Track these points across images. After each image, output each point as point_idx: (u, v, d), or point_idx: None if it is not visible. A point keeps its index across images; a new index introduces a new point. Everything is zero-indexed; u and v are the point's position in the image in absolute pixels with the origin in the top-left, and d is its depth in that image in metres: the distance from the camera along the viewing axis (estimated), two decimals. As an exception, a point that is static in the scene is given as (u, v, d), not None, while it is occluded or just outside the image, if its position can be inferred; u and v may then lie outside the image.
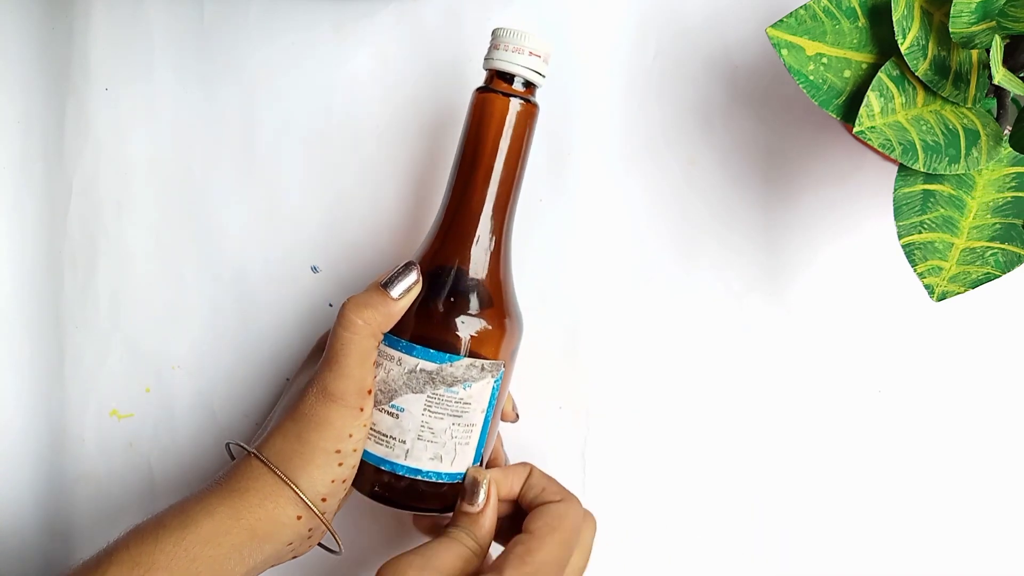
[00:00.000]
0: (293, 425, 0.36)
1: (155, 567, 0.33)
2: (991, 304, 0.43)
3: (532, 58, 0.37)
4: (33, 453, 0.45)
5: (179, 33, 0.46)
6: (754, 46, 0.44)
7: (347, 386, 0.36)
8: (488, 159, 0.37)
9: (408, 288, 0.37)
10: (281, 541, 0.36)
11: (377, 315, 0.36)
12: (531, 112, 0.38)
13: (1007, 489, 0.43)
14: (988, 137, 0.35)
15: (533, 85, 0.38)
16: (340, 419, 0.36)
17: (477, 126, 0.38)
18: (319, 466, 0.36)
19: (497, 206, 0.38)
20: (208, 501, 0.35)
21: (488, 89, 0.38)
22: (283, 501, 0.35)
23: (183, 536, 0.34)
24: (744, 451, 0.44)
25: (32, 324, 0.46)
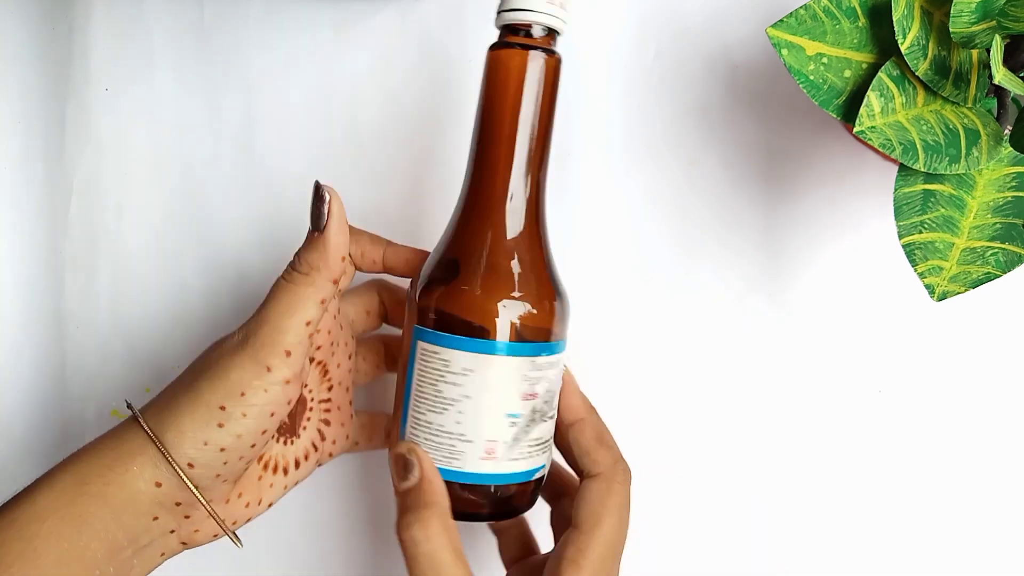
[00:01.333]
0: (189, 374, 0.32)
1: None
2: (992, 304, 0.43)
3: (549, 3, 0.33)
4: (33, 453, 0.45)
5: (179, 33, 0.46)
6: (754, 46, 0.44)
7: (262, 336, 0.31)
8: (510, 123, 0.33)
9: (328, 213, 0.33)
10: (142, 513, 0.31)
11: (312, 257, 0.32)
12: (555, 64, 0.34)
13: (1007, 489, 0.43)
14: (988, 137, 0.35)
15: (554, 33, 0.34)
16: (239, 370, 0.31)
17: (495, 89, 0.34)
18: (195, 421, 0.31)
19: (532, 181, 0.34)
20: (55, 471, 0.31)
21: (503, 44, 0.34)
22: (141, 461, 0.30)
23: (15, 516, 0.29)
24: (744, 451, 0.44)
25: (33, 324, 0.46)
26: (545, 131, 0.34)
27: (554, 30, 0.34)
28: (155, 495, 0.31)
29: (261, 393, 0.31)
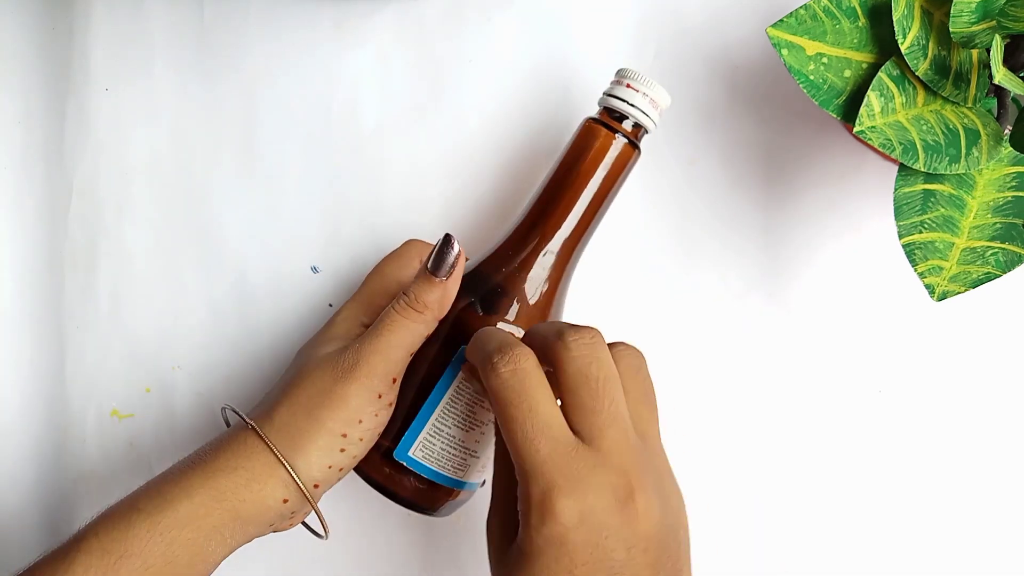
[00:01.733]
0: (305, 399, 0.34)
1: (128, 554, 0.31)
2: (991, 304, 0.43)
3: (649, 104, 0.37)
4: (33, 453, 0.45)
5: (179, 33, 0.46)
6: (754, 46, 0.44)
7: (378, 365, 0.34)
8: (576, 188, 0.37)
9: (452, 265, 0.35)
10: (264, 523, 0.34)
11: (430, 298, 0.35)
12: (631, 154, 0.38)
13: (1007, 489, 0.43)
14: (988, 137, 0.35)
15: (642, 129, 0.38)
16: (357, 399, 0.34)
17: (576, 153, 0.38)
18: (321, 448, 0.34)
19: (569, 239, 0.38)
20: (189, 481, 0.33)
21: (597, 120, 0.38)
22: (273, 483, 0.33)
23: (158, 520, 0.32)
24: (744, 451, 0.44)
25: (32, 324, 0.46)
26: (601, 205, 0.38)
27: (643, 127, 0.38)
28: (280, 509, 0.34)
29: (373, 418, 0.35)
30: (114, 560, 0.31)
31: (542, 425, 0.29)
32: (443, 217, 0.45)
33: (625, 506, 0.29)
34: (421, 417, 0.36)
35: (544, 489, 0.29)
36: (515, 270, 0.37)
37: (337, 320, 0.39)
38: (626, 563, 0.29)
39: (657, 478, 0.31)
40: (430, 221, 0.45)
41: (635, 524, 0.29)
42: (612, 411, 0.30)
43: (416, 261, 0.40)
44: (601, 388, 0.30)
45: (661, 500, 0.30)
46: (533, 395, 0.30)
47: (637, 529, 0.29)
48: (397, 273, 0.39)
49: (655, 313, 0.45)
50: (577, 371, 0.30)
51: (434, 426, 0.36)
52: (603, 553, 0.28)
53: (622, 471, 0.29)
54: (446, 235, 0.36)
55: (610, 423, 0.30)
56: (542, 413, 0.30)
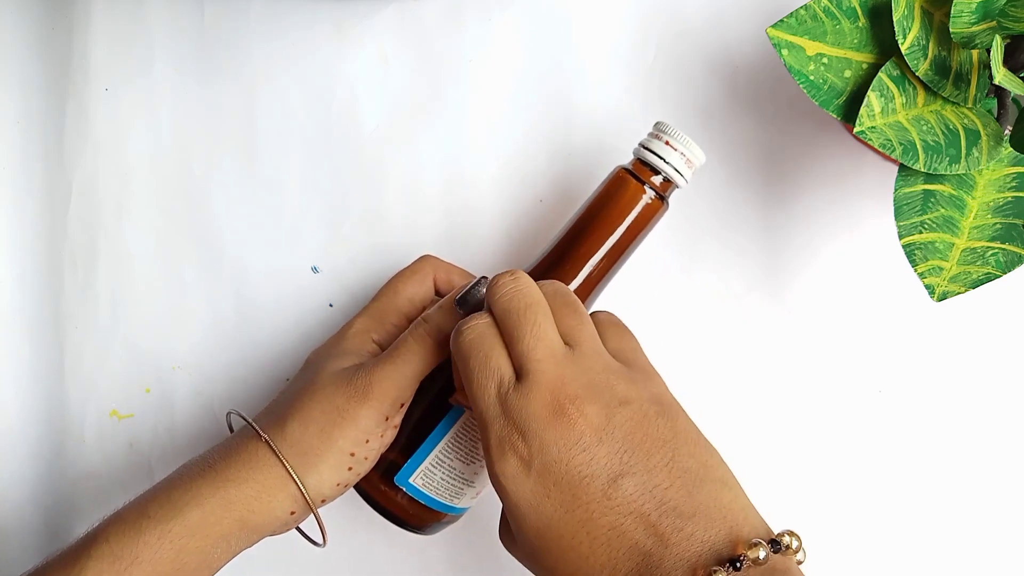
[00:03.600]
0: (319, 415, 0.35)
1: (138, 560, 0.32)
2: (992, 304, 0.43)
3: (682, 161, 0.37)
4: (33, 453, 0.45)
5: (179, 33, 0.46)
6: (754, 46, 0.44)
7: (390, 390, 0.35)
8: (598, 236, 0.37)
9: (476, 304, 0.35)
10: (269, 532, 0.35)
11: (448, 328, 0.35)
12: (658, 208, 0.38)
13: (1008, 489, 0.43)
14: (989, 137, 0.35)
15: (672, 185, 0.38)
16: (367, 420, 0.35)
17: (603, 200, 0.38)
18: (331, 466, 0.35)
19: (584, 284, 0.38)
20: (199, 489, 0.34)
21: (629, 171, 0.38)
22: (283, 496, 0.34)
23: (169, 528, 0.33)
24: (744, 451, 0.44)
25: (32, 324, 0.46)
26: (621, 255, 0.38)
27: (674, 183, 0.38)
28: (287, 520, 0.35)
29: (379, 439, 0.35)
30: (125, 566, 0.32)
31: (491, 370, 0.31)
32: (442, 216, 0.45)
33: (559, 419, 0.30)
34: (425, 447, 0.37)
35: (496, 434, 0.30)
36: None
37: (348, 334, 0.39)
38: (589, 461, 0.30)
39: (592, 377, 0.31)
40: (430, 220, 0.45)
41: (573, 428, 0.30)
42: (535, 333, 0.31)
43: (429, 279, 0.40)
44: (522, 316, 0.32)
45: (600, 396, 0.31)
46: (488, 343, 0.32)
47: (580, 431, 0.30)
48: (410, 291, 0.40)
49: (655, 313, 0.45)
50: (503, 308, 0.32)
51: (437, 458, 0.37)
52: (564, 467, 0.29)
53: (549, 388, 0.30)
54: (483, 277, 0.36)
55: (534, 345, 0.31)
56: (493, 358, 0.31)
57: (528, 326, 0.31)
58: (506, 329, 0.32)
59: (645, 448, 0.30)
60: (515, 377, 0.31)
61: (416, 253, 0.42)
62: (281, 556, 0.45)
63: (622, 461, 0.30)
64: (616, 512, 0.29)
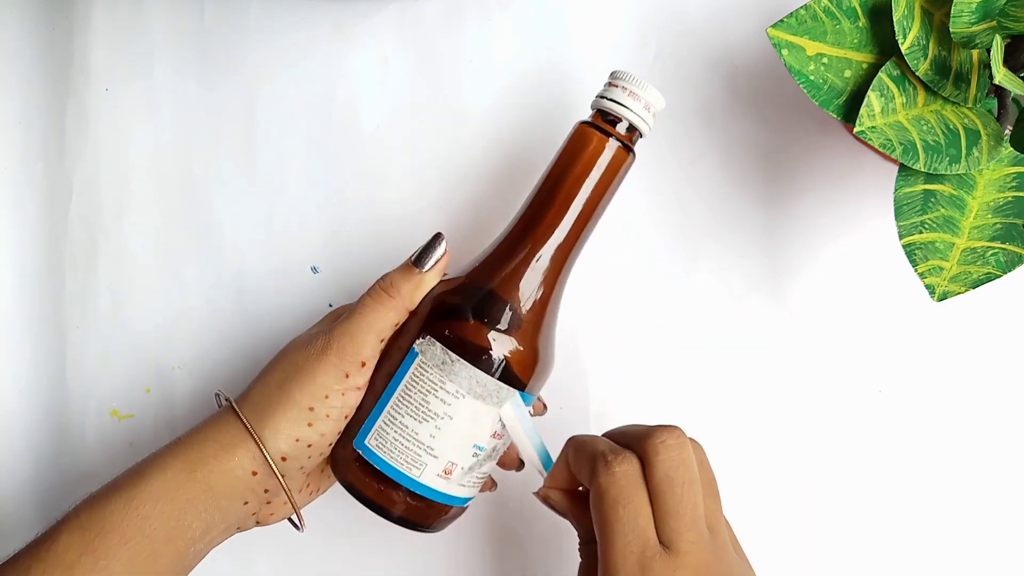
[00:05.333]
0: (279, 374, 0.36)
1: (105, 530, 0.33)
2: (992, 304, 0.43)
3: (643, 107, 0.36)
4: (33, 453, 0.45)
5: (179, 33, 0.46)
6: (755, 46, 0.44)
7: (347, 345, 0.35)
8: (569, 193, 0.36)
9: (435, 260, 0.37)
10: (237, 498, 0.35)
11: (403, 286, 0.36)
12: (626, 158, 0.37)
13: (1008, 489, 0.43)
14: (989, 137, 0.35)
15: (636, 133, 0.37)
16: (325, 375, 0.35)
17: (568, 157, 0.37)
18: (288, 420, 0.35)
19: (562, 245, 0.37)
20: (163, 457, 0.35)
21: (591, 124, 0.37)
22: (241, 453, 0.35)
23: (133, 495, 0.33)
24: (745, 451, 0.44)
25: (32, 324, 0.46)
26: (594, 210, 0.37)
27: (637, 130, 0.37)
28: (250, 482, 0.35)
29: (340, 396, 0.35)
30: (92, 536, 0.32)
31: (640, 531, 0.31)
32: (442, 216, 0.45)
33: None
34: (379, 405, 0.36)
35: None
36: (508, 276, 0.36)
37: (327, 316, 0.40)
38: None
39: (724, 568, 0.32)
40: (430, 220, 0.45)
41: None
42: (693, 514, 0.31)
43: None
44: (685, 492, 0.31)
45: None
46: (639, 499, 0.31)
47: None
48: None
49: (656, 313, 0.45)
50: (664, 475, 0.32)
51: (389, 414, 0.36)
52: None
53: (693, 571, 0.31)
54: (437, 233, 0.37)
55: (690, 526, 0.31)
56: (643, 517, 0.31)
57: (689, 505, 0.31)
58: (663, 497, 0.31)
59: None
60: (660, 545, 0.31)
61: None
62: (281, 555, 0.45)
63: None
64: None
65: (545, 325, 0.37)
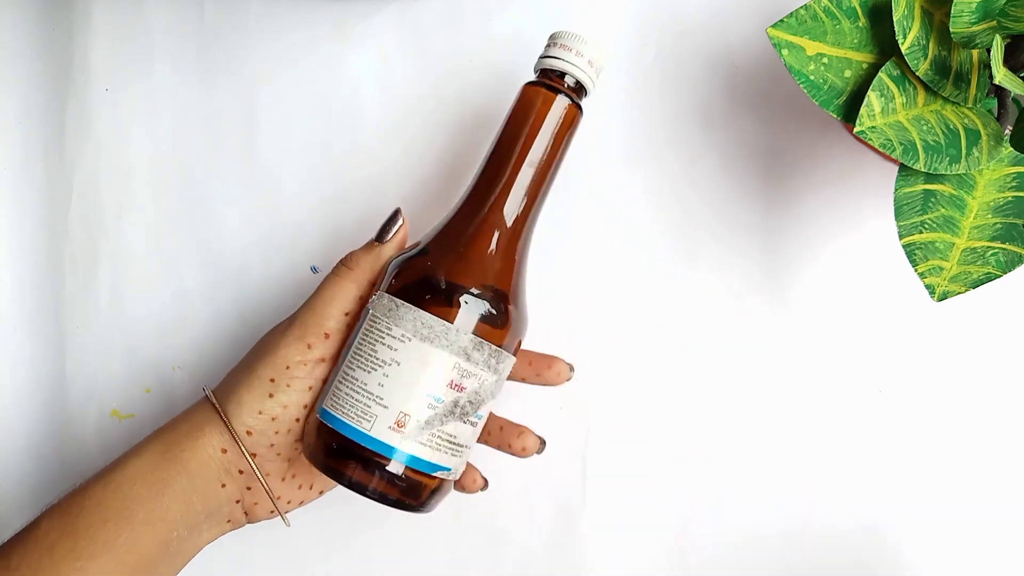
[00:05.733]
0: (248, 356, 0.37)
1: (84, 512, 0.33)
2: (992, 304, 0.43)
3: (586, 62, 0.37)
4: (33, 453, 0.45)
5: (179, 33, 0.46)
6: (755, 46, 0.44)
7: (308, 317, 0.36)
8: (522, 153, 0.36)
9: (394, 232, 0.38)
10: (212, 478, 0.35)
11: (362, 258, 0.37)
12: (575, 114, 0.37)
13: (1008, 489, 0.43)
14: (989, 137, 0.35)
15: (583, 90, 0.37)
16: (285, 347, 0.36)
17: (518, 119, 0.37)
18: (250, 392, 0.35)
19: (523, 210, 0.37)
20: (142, 443, 0.36)
21: (537, 83, 0.37)
22: (209, 430, 0.36)
23: (111, 479, 0.34)
24: (745, 451, 0.44)
25: (33, 324, 0.46)
26: (549, 168, 0.37)
27: (582, 85, 0.37)
28: (222, 461, 0.36)
29: (301, 367, 0.36)
30: (71, 520, 0.33)
31: None
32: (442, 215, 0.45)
33: None
34: (336, 369, 0.36)
35: None
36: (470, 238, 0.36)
37: None
38: None
39: None
40: (429, 220, 0.45)
41: None
42: None
43: None
44: None
45: None
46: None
47: None
48: None
49: (656, 313, 0.45)
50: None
51: (342, 373, 0.35)
52: None
53: None
54: (396, 209, 0.39)
55: None
56: None
57: None
58: None
59: None
60: None
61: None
62: (281, 556, 0.45)
63: None
64: None
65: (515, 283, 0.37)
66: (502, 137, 0.37)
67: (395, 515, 0.44)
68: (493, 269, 0.36)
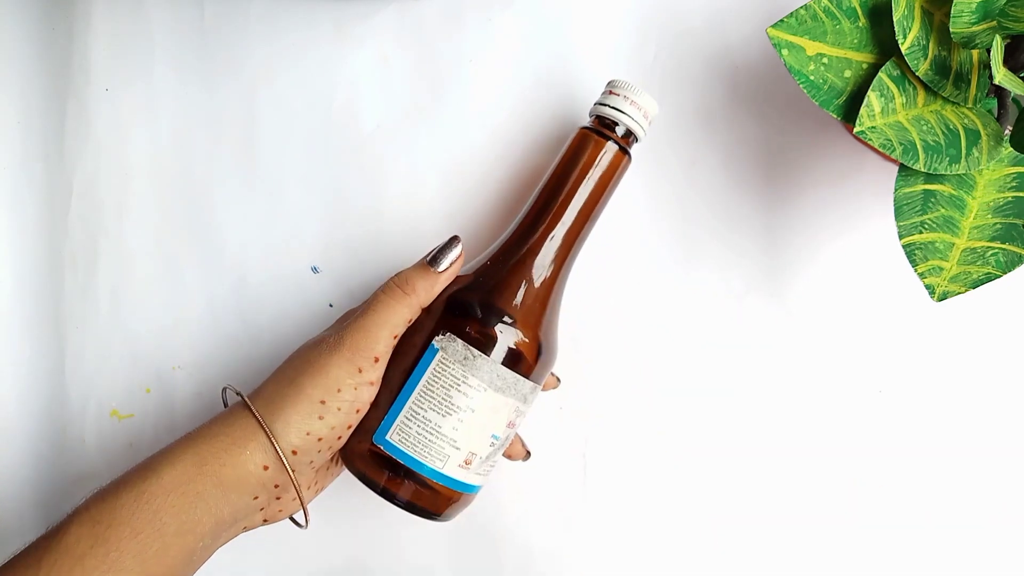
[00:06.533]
0: (291, 370, 0.36)
1: (116, 522, 0.33)
2: (992, 304, 0.43)
3: (639, 112, 0.39)
4: (33, 453, 0.45)
5: (180, 33, 0.46)
6: (755, 46, 0.44)
7: (358, 341, 0.36)
8: (569, 193, 0.39)
9: (451, 261, 0.37)
10: (247, 492, 0.35)
11: (419, 284, 0.37)
12: (622, 160, 0.39)
13: (1007, 489, 0.43)
14: (989, 137, 0.35)
15: (632, 137, 0.39)
16: (336, 369, 0.35)
17: (569, 160, 0.39)
18: (300, 413, 0.35)
19: (564, 242, 0.38)
20: (174, 451, 0.35)
21: (590, 128, 0.39)
22: (253, 447, 0.35)
23: (144, 489, 0.33)
24: (745, 451, 0.44)
25: (32, 324, 0.46)
26: (593, 209, 0.39)
27: (633, 134, 0.40)
28: (261, 477, 0.35)
29: (352, 391, 0.36)
30: (103, 529, 0.33)
31: None
32: (443, 216, 0.45)
33: None
34: (399, 401, 0.37)
35: None
36: (514, 274, 0.38)
37: (337, 321, 0.40)
38: None
39: None
40: (430, 220, 0.45)
41: None
42: None
43: None
44: None
45: None
46: None
47: None
48: None
49: (656, 313, 0.45)
50: None
51: (410, 409, 0.36)
52: None
53: None
54: (454, 236, 0.38)
55: None
56: None
57: None
58: None
59: None
60: None
61: (416, 253, 0.42)
62: (281, 557, 0.45)
63: None
64: None
65: (547, 319, 0.39)
66: (552, 177, 0.39)
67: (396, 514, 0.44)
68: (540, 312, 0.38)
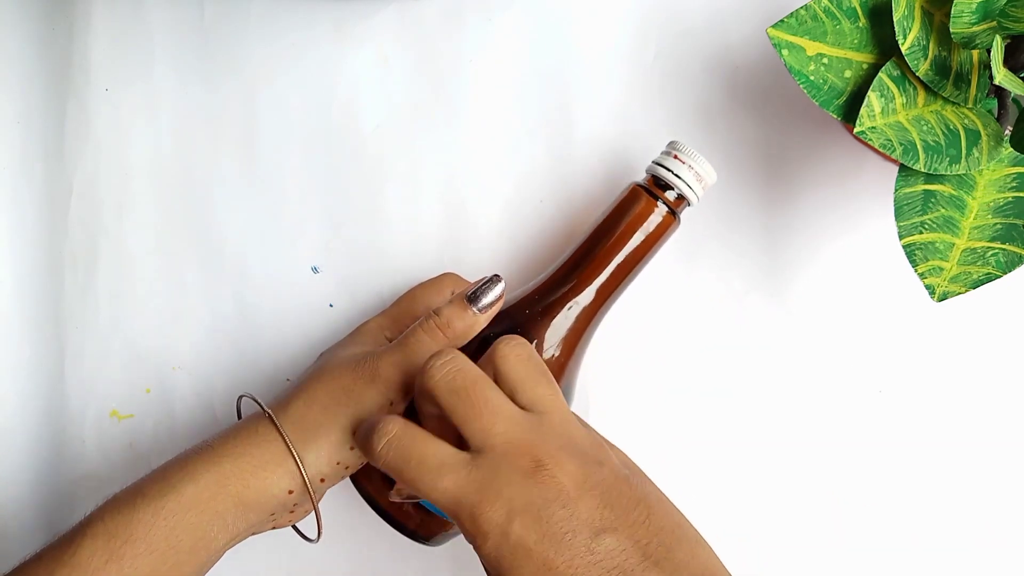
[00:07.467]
0: (323, 394, 0.35)
1: (132, 538, 0.32)
2: (992, 304, 0.43)
3: (695, 178, 0.38)
4: (33, 453, 0.45)
5: (180, 33, 0.46)
6: (755, 46, 0.44)
7: (396, 376, 0.35)
8: (610, 251, 0.38)
9: (491, 303, 0.36)
10: (265, 512, 0.35)
11: (459, 325, 0.36)
12: (670, 223, 0.39)
13: (1008, 489, 0.43)
14: (989, 137, 0.35)
15: (684, 201, 0.39)
16: (371, 401, 0.35)
17: (617, 215, 0.39)
18: (332, 443, 0.34)
19: (595, 299, 0.38)
20: (194, 466, 0.34)
21: (643, 187, 0.39)
22: (280, 472, 0.34)
23: (162, 505, 0.33)
24: (744, 451, 0.44)
25: (32, 324, 0.46)
26: (633, 268, 0.39)
27: (685, 199, 0.39)
28: (284, 500, 0.35)
29: None
30: (119, 544, 0.32)
31: (434, 468, 0.30)
32: (443, 216, 0.45)
33: (536, 475, 0.30)
34: None
35: (468, 515, 0.29)
36: (539, 314, 0.38)
37: (364, 330, 0.40)
38: (571, 517, 0.29)
39: (566, 441, 0.31)
40: (430, 220, 0.45)
41: (553, 484, 0.30)
42: (490, 408, 0.31)
43: (448, 292, 0.41)
44: (470, 393, 0.31)
45: (576, 455, 0.31)
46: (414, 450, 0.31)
47: (560, 486, 0.30)
48: (429, 299, 0.40)
49: (656, 313, 0.45)
50: (445, 390, 0.31)
51: None
52: (545, 524, 0.29)
53: (521, 452, 0.30)
54: (496, 275, 0.37)
55: (493, 420, 0.31)
56: (430, 456, 0.31)
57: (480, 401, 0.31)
58: (454, 411, 0.31)
59: (623, 505, 0.30)
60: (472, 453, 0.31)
61: (416, 253, 0.43)
62: (282, 556, 0.45)
63: (602, 517, 0.30)
64: (600, 567, 0.29)
65: (570, 367, 0.39)
66: (595, 231, 0.39)
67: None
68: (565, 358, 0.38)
